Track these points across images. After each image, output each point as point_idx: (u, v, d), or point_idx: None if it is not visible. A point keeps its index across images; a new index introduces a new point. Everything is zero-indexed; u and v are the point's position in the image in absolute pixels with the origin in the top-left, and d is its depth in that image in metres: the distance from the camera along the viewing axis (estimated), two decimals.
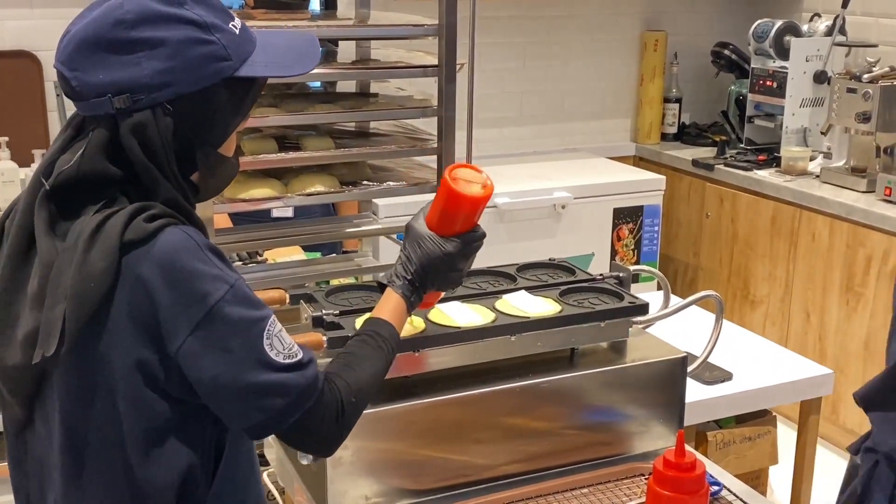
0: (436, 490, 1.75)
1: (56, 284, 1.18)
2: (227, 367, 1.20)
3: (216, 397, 1.22)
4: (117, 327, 1.19)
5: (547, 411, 1.81)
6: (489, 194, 1.52)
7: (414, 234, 1.52)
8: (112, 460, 1.24)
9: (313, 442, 1.31)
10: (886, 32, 4.22)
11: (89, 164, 1.21)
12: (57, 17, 3.55)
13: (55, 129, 3.55)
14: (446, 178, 1.51)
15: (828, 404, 3.67)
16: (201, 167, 1.29)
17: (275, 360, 1.21)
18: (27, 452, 1.33)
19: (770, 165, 4.20)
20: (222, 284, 1.20)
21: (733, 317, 4.16)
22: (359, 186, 2.60)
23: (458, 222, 1.51)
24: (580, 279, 2.01)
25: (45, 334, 1.18)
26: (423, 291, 1.51)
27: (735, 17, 4.82)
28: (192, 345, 1.19)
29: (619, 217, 4.17)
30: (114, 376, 1.21)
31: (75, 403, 1.23)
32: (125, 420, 1.22)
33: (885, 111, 3.74)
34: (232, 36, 1.27)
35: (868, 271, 3.65)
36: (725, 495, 1.82)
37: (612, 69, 4.71)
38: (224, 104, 1.27)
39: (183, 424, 1.26)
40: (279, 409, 1.23)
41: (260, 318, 1.22)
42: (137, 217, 1.20)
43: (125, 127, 1.21)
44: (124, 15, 1.21)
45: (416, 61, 2.63)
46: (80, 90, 1.23)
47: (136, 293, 1.18)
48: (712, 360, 2.39)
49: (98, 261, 1.17)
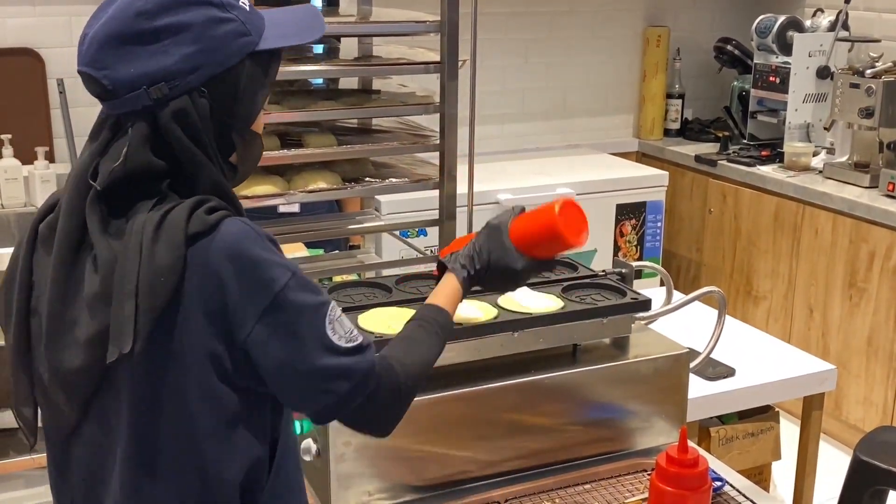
0: (438, 486, 1.75)
1: (122, 282, 1.17)
2: (294, 353, 1.21)
3: (283, 383, 1.24)
4: (187, 320, 1.19)
5: (549, 407, 1.81)
6: (581, 244, 1.55)
7: (495, 237, 1.55)
8: (183, 456, 1.24)
9: (374, 423, 1.33)
10: (889, 27, 4.21)
11: (136, 159, 1.21)
12: (59, 14, 3.56)
13: (58, 126, 3.55)
14: (555, 210, 1.52)
15: (830, 400, 3.68)
16: (238, 146, 1.31)
17: (338, 344, 1.23)
18: (72, 458, 1.32)
19: (773, 161, 4.20)
20: (286, 271, 1.21)
21: (736, 313, 4.16)
22: (361, 183, 2.61)
23: (540, 250, 1.54)
24: (582, 275, 2.01)
25: (118, 332, 1.16)
26: (475, 285, 1.55)
27: (737, 13, 4.81)
28: (260, 332, 1.19)
29: (622, 213, 4.17)
30: (185, 370, 1.21)
31: (145, 400, 1.22)
32: (197, 414, 1.22)
33: (888, 106, 3.73)
34: (245, 12, 1.28)
35: (871, 267, 3.64)
36: (728, 491, 1.82)
37: (614, 65, 4.70)
38: (251, 80, 1.28)
39: (249, 416, 1.26)
40: (345, 392, 1.24)
41: (322, 303, 1.24)
42: (198, 210, 1.21)
43: (165, 116, 1.21)
44: (144, 6, 1.21)
45: (418, 58, 2.63)
46: (112, 88, 1.22)
47: (203, 284, 1.19)
48: (715, 355, 2.39)
49: (166, 255, 1.17)
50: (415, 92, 2.78)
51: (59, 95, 3.53)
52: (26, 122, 3.50)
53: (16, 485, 3.38)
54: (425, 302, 1.50)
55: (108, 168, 1.21)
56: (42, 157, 3.36)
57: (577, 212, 1.56)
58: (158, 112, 1.22)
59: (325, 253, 3.10)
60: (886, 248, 3.58)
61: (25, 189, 3.36)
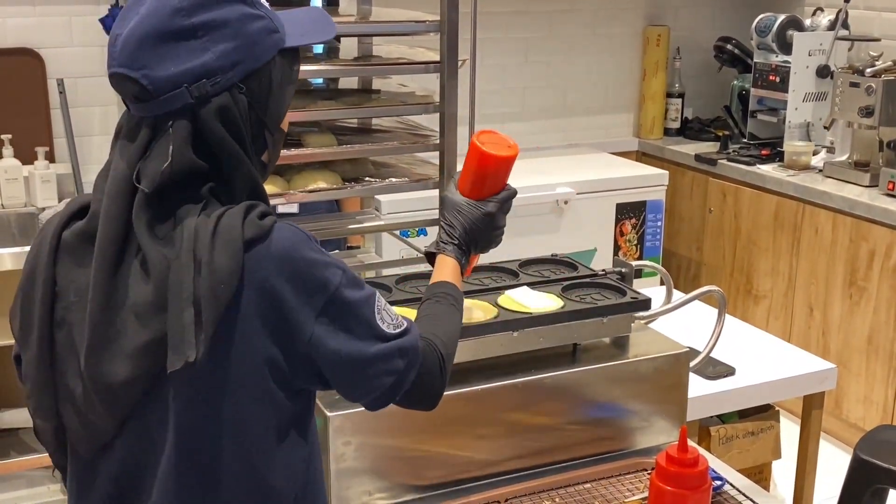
0: (439, 485, 1.75)
1: (179, 290, 1.15)
2: (352, 346, 1.24)
3: (346, 376, 1.27)
4: (244, 327, 1.19)
5: (549, 407, 1.81)
6: (516, 153, 1.59)
7: (451, 203, 1.58)
8: (234, 463, 1.23)
9: (427, 396, 1.36)
10: (889, 26, 4.21)
11: (181, 160, 1.19)
12: (59, 14, 3.56)
13: (58, 126, 3.55)
14: (475, 142, 1.57)
15: (831, 399, 3.68)
16: (269, 144, 1.31)
17: (388, 332, 1.27)
18: (99, 474, 1.29)
19: (773, 160, 4.19)
20: (337, 270, 1.23)
21: (736, 312, 4.16)
22: (361, 183, 2.61)
23: (490, 184, 1.57)
24: (582, 275, 2.02)
25: (179, 341, 1.15)
26: (469, 254, 1.57)
27: (737, 12, 4.81)
28: (320, 332, 1.22)
29: (622, 212, 4.17)
30: (241, 376, 1.20)
31: (197, 409, 1.20)
32: (252, 420, 1.22)
33: (888, 105, 3.73)
34: (268, 9, 1.29)
35: (871, 266, 3.64)
36: (728, 490, 1.82)
37: (614, 64, 4.70)
38: (282, 76, 1.29)
39: (298, 420, 1.28)
40: (402, 369, 1.28)
41: (370, 296, 1.27)
42: (250, 215, 1.20)
43: (208, 113, 1.20)
44: (180, 3, 1.20)
45: (418, 58, 2.63)
46: (152, 88, 1.19)
47: (260, 290, 1.19)
48: (715, 355, 2.39)
49: (225, 261, 1.16)
50: (414, 91, 2.78)
51: (59, 95, 3.53)
52: (26, 123, 3.50)
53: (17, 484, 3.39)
54: (429, 284, 1.53)
55: (156, 169, 1.19)
56: (42, 157, 3.37)
57: (494, 134, 1.61)
58: (200, 110, 1.20)
59: None
60: (886, 246, 3.58)
61: (25, 189, 3.36)
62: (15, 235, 3.31)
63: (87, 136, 3.64)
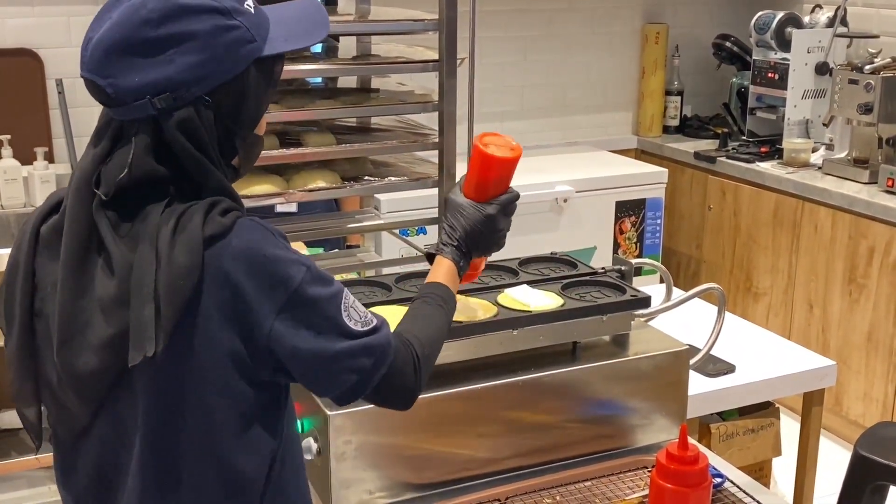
0: (439, 484, 1.75)
1: (140, 286, 1.18)
2: (315, 343, 1.24)
3: (309, 372, 1.27)
4: (205, 321, 1.20)
5: (549, 405, 1.81)
6: (519, 155, 1.59)
7: (453, 204, 1.58)
8: (201, 454, 1.25)
9: (397, 395, 1.36)
10: (888, 23, 4.21)
11: (140, 169, 1.21)
12: (58, 14, 3.56)
13: (57, 126, 3.55)
14: (477, 144, 1.58)
15: (831, 395, 3.68)
16: (240, 150, 1.31)
17: (354, 329, 1.27)
18: (80, 458, 1.32)
19: (772, 157, 4.20)
20: (301, 266, 1.23)
21: (736, 309, 4.16)
22: (360, 182, 2.61)
23: (493, 186, 1.57)
24: (582, 273, 2.02)
25: (139, 336, 1.17)
26: (470, 257, 1.57)
27: (736, 9, 4.81)
28: (280, 328, 1.22)
29: (622, 210, 4.17)
30: (204, 369, 1.22)
31: (162, 401, 1.23)
32: (217, 411, 1.24)
33: (887, 102, 3.73)
34: (250, 16, 1.27)
35: (871, 262, 3.64)
36: (728, 487, 1.82)
37: (613, 62, 4.70)
38: (256, 85, 1.28)
39: (265, 411, 1.29)
40: (367, 368, 1.28)
41: (336, 293, 1.27)
42: (212, 212, 1.21)
43: (170, 126, 1.21)
44: (149, 14, 1.20)
45: (417, 56, 2.63)
46: (116, 97, 1.21)
47: (220, 285, 1.20)
48: (715, 352, 2.39)
49: (184, 258, 1.18)
50: (413, 90, 2.78)
51: (58, 96, 3.53)
52: (25, 123, 3.50)
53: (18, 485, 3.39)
54: (422, 284, 1.54)
55: (113, 178, 1.21)
56: (41, 158, 3.37)
57: (497, 136, 1.61)
58: (163, 122, 1.21)
59: (324, 252, 3.10)
60: (886, 243, 3.58)
61: (25, 189, 3.36)
62: (14, 236, 3.31)
63: (86, 136, 3.60)
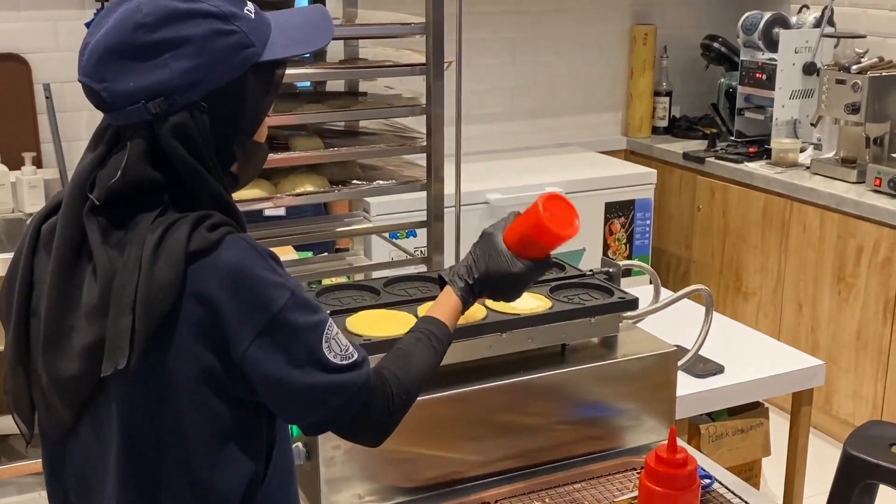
0: (429, 487, 1.75)
1: (120, 296, 1.17)
2: (290, 371, 1.22)
3: (278, 398, 1.25)
4: (182, 336, 1.19)
5: (539, 407, 1.82)
6: (573, 235, 1.52)
7: (488, 244, 1.53)
8: (176, 468, 1.24)
9: (366, 433, 1.34)
10: (874, 23, 4.23)
11: (133, 174, 1.20)
12: (45, 19, 3.55)
13: (45, 131, 3.54)
14: (539, 207, 1.52)
15: (821, 394, 3.69)
16: (239, 157, 1.29)
17: (333, 362, 1.24)
18: (66, 459, 1.32)
19: (760, 157, 4.21)
20: (284, 291, 1.21)
21: (726, 309, 4.17)
22: (348, 185, 2.61)
23: (535, 250, 1.53)
24: (570, 275, 2.02)
25: (114, 346, 1.16)
26: (478, 297, 1.53)
27: (724, 10, 4.82)
28: (256, 351, 1.20)
29: (611, 211, 4.17)
30: (179, 384, 1.20)
31: (137, 413, 1.22)
32: (190, 427, 1.22)
33: (875, 101, 3.75)
34: (250, 21, 1.26)
35: (859, 262, 3.66)
36: (717, 488, 1.82)
37: (601, 63, 4.71)
38: (254, 91, 1.27)
39: (244, 427, 1.27)
40: (337, 407, 1.26)
41: (318, 323, 1.24)
42: (199, 227, 1.20)
43: (165, 131, 1.20)
44: (144, 18, 1.19)
45: (404, 60, 2.63)
46: (111, 101, 1.21)
47: (201, 302, 1.19)
48: (704, 353, 2.40)
49: (165, 272, 1.16)
50: (401, 94, 2.78)
51: (45, 100, 3.52)
52: (13, 128, 3.49)
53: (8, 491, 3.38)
54: (424, 315, 1.50)
55: (106, 182, 1.20)
56: (29, 163, 3.36)
57: (564, 204, 1.55)
58: (157, 127, 1.20)
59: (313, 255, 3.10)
60: (874, 242, 3.59)
61: (13, 195, 3.35)
62: (3, 241, 3.31)
63: (74, 140, 3.62)
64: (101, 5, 3.49)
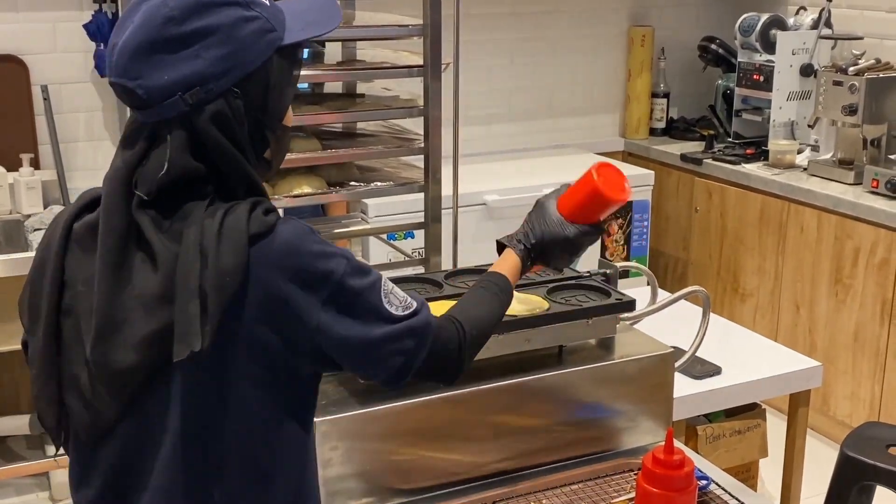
0: (426, 489, 1.75)
1: (186, 282, 1.20)
2: (360, 329, 1.28)
3: (355, 358, 1.31)
4: (248, 317, 1.23)
5: (536, 408, 1.82)
6: (625, 199, 1.61)
7: (542, 210, 1.63)
8: (237, 452, 1.27)
9: (442, 372, 1.40)
10: (872, 25, 4.23)
11: (178, 166, 1.23)
12: (43, 20, 3.55)
13: (42, 133, 3.54)
14: (592, 173, 1.60)
15: (818, 396, 3.69)
16: (271, 142, 1.33)
17: (395, 314, 1.31)
18: (99, 463, 1.32)
19: (758, 159, 4.21)
20: (341, 259, 1.27)
21: (723, 310, 4.17)
22: (346, 187, 2.61)
23: (588, 215, 1.61)
24: (568, 276, 2.02)
25: (185, 331, 1.19)
26: (533, 263, 1.61)
27: (721, 12, 4.83)
28: (326, 320, 1.25)
29: None
30: (244, 365, 1.24)
31: (201, 399, 1.25)
32: (253, 408, 1.26)
33: (872, 103, 3.75)
34: (267, 7, 1.30)
35: (856, 263, 3.66)
36: (714, 489, 1.83)
37: (599, 65, 4.71)
38: (279, 75, 1.31)
39: (300, 404, 1.33)
40: (412, 349, 1.32)
41: (374, 281, 1.31)
42: (256, 210, 1.24)
43: (203, 120, 1.23)
44: (171, 12, 1.22)
45: (402, 61, 2.64)
46: (147, 97, 1.23)
47: (264, 283, 1.23)
48: (701, 354, 2.40)
49: (230, 256, 1.20)
50: (399, 95, 2.79)
51: (43, 102, 3.52)
52: (11, 129, 3.49)
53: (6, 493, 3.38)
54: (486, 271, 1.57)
55: (153, 177, 1.23)
56: (27, 164, 3.36)
57: (614, 171, 1.63)
58: (195, 117, 1.23)
59: None
60: (871, 244, 3.59)
61: (10, 196, 3.35)
62: (1, 243, 3.31)
63: (72, 142, 3.63)
64: (100, 7, 3.49)
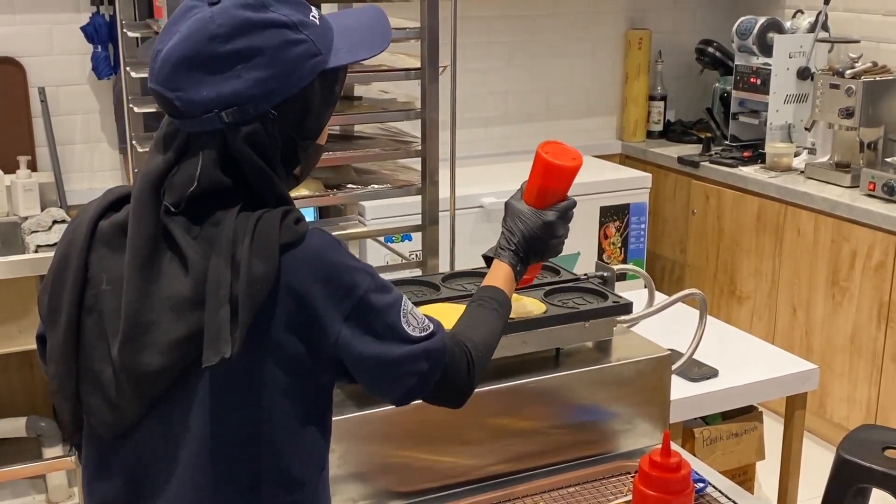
0: (423, 491, 1.76)
1: (216, 288, 1.20)
2: (378, 348, 1.28)
3: (371, 375, 1.31)
4: (276, 325, 1.24)
5: (533, 411, 1.82)
6: (580, 165, 1.63)
7: (513, 210, 1.63)
8: (261, 457, 1.28)
9: (452, 395, 1.41)
10: (868, 28, 4.24)
11: (208, 180, 1.24)
12: (40, 23, 3.55)
13: (40, 135, 3.54)
14: (540, 153, 1.62)
15: (815, 398, 3.70)
16: (302, 161, 1.34)
17: (412, 335, 1.31)
18: (117, 461, 1.32)
19: (755, 162, 4.22)
20: (366, 276, 1.28)
21: (720, 313, 4.17)
22: (343, 190, 2.61)
23: (553, 194, 1.62)
24: (565, 279, 2.02)
25: (215, 337, 1.19)
26: (527, 262, 1.60)
27: (718, 15, 4.84)
28: (346, 333, 1.26)
29: (606, 215, 4.18)
30: (269, 372, 1.25)
31: (225, 403, 1.25)
32: (278, 414, 1.27)
33: (868, 106, 3.76)
34: (315, 28, 1.29)
35: (853, 266, 3.67)
36: (711, 492, 1.83)
37: (596, 67, 4.72)
38: (319, 97, 1.30)
39: (321, 412, 1.34)
40: (426, 371, 1.32)
41: (396, 300, 1.31)
42: (286, 220, 1.25)
43: (238, 139, 1.24)
44: (217, 29, 1.22)
45: (399, 64, 2.64)
46: (184, 109, 1.24)
47: (292, 292, 1.23)
48: (698, 356, 2.40)
49: (262, 265, 1.21)
50: (396, 98, 2.79)
51: (40, 104, 3.52)
52: (8, 131, 3.49)
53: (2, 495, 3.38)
54: (479, 287, 1.57)
55: (182, 190, 1.24)
56: (24, 166, 3.36)
57: (558, 144, 1.66)
58: (230, 135, 1.24)
59: None
60: (868, 247, 3.60)
61: (8, 198, 3.35)
62: None
63: (69, 144, 3.63)
64: (97, 9, 3.49)
